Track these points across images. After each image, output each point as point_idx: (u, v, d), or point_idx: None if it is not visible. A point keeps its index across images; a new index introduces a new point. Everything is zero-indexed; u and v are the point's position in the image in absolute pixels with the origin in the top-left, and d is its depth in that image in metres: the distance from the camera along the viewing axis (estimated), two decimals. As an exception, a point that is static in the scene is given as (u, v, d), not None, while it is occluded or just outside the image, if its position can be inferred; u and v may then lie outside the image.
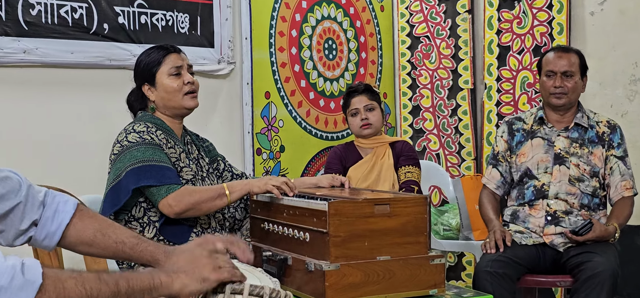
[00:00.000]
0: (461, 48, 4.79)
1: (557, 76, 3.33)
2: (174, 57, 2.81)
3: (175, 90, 2.77)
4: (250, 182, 2.70)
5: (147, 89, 2.80)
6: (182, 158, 2.75)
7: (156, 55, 2.80)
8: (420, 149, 4.86)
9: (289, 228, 2.50)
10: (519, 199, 3.39)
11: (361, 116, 3.69)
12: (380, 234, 2.33)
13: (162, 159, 2.63)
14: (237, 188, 2.68)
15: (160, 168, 2.60)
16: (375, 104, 3.72)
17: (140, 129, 2.67)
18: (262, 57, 4.25)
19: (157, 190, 2.59)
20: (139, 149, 2.61)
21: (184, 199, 2.59)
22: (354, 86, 3.80)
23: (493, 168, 3.50)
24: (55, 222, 1.83)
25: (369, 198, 2.37)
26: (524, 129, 3.45)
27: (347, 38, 4.77)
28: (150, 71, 2.78)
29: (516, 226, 3.35)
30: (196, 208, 2.62)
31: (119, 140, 2.67)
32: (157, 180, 2.59)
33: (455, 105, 4.81)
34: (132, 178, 2.58)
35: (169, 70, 2.77)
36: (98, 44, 3.51)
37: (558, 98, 3.34)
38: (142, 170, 2.58)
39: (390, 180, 3.60)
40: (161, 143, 2.67)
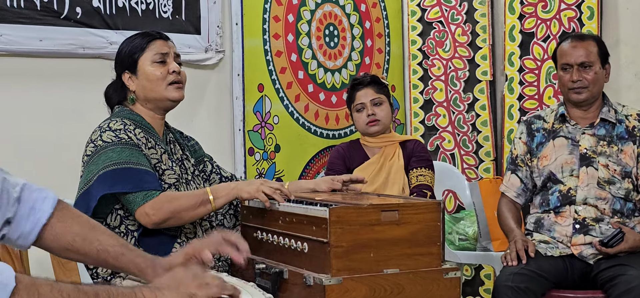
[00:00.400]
0: (479, 35, 4.80)
1: (574, 69, 3.33)
2: (160, 44, 2.82)
3: (158, 79, 2.77)
4: (238, 186, 2.70)
5: (128, 77, 2.80)
6: (164, 160, 2.75)
7: (140, 40, 2.81)
8: (433, 149, 4.87)
9: (284, 238, 2.51)
10: (543, 206, 3.39)
11: (367, 111, 3.70)
12: (387, 244, 2.35)
13: (140, 161, 2.63)
14: (222, 194, 2.68)
15: (137, 172, 2.60)
16: (383, 97, 3.73)
17: (117, 126, 2.67)
18: (254, 45, 4.26)
19: (134, 197, 2.59)
20: (114, 150, 2.61)
21: (162, 207, 2.59)
22: (359, 78, 3.81)
23: (512, 175, 3.50)
24: (30, 221, 1.84)
25: (375, 203, 2.38)
26: (544, 129, 3.45)
27: (350, 23, 4.77)
28: (131, 57, 2.79)
29: (541, 235, 3.36)
30: (176, 217, 2.62)
31: (93, 140, 2.68)
32: (134, 185, 2.59)
33: (472, 99, 4.81)
34: (105, 182, 2.57)
35: (153, 57, 2.78)
36: (70, 30, 3.52)
37: (578, 93, 3.35)
38: (116, 174, 2.58)
39: (400, 183, 3.61)
40: (140, 143, 2.67)
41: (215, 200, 2.66)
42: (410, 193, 3.58)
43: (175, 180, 2.75)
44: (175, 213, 2.61)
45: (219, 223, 2.95)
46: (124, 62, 2.81)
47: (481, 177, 4.71)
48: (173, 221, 2.63)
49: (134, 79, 2.79)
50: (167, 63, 2.80)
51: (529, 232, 3.42)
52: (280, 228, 2.55)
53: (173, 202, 2.60)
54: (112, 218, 2.68)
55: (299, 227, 2.43)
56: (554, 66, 3.52)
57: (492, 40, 4.77)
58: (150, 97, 2.79)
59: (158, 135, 2.80)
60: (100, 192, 2.57)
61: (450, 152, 4.86)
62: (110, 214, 2.68)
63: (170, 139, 2.90)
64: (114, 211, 2.68)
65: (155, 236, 2.68)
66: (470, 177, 4.73)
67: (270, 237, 2.60)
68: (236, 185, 2.72)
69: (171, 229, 2.70)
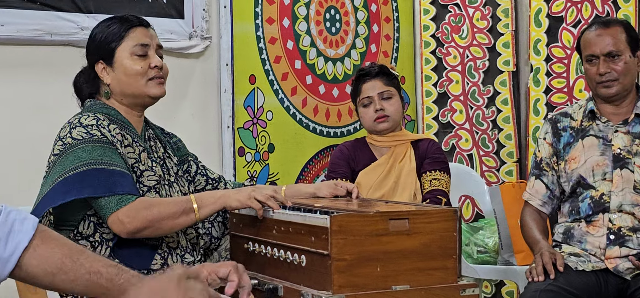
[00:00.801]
0: (500, 19, 4.80)
1: (601, 60, 3.33)
2: (141, 33, 2.80)
3: (138, 74, 2.76)
4: (226, 195, 2.69)
5: (102, 68, 2.79)
6: (143, 160, 2.74)
7: (118, 27, 2.79)
8: (448, 149, 4.86)
9: (279, 250, 2.51)
10: (572, 214, 3.39)
11: (375, 106, 3.70)
12: (396, 257, 2.34)
13: (114, 161, 2.62)
14: (208, 202, 2.67)
15: (110, 174, 2.59)
16: (393, 90, 3.73)
17: (89, 122, 2.66)
18: (245, 31, 4.26)
19: (106, 202, 2.58)
20: (84, 149, 2.60)
21: (139, 215, 2.58)
22: (365, 68, 3.81)
23: (536, 180, 3.50)
24: (10, 246, 1.82)
25: (382, 211, 2.38)
26: (572, 127, 3.44)
27: (354, 6, 4.77)
28: (108, 46, 2.77)
29: (570, 247, 3.35)
30: (155, 226, 2.61)
31: (61, 137, 2.66)
32: (106, 188, 2.58)
33: (492, 92, 4.81)
34: (73, 185, 2.56)
35: (133, 48, 2.77)
36: (35, 14, 3.52)
37: (607, 87, 3.34)
38: (86, 175, 2.57)
39: (411, 188, 3.61)
40: (115, 140, 2.66)
41: (199, 210, 2.65)
42: (423, 199, 3.58)
43: (156, 182, 2.74)
44: (153, 221, 2.59)
45: (206, 232, 2.95)
46: (99, 50, 2.79)
47: (503, 181, 4.71)
48: (151, 231, 2.62)
49: (109, 71, 2.78)
50: (149, 56, 2.79)
51: (557, 243, 3.41)
52: (274, 238, 2.55)
53: (151, 209, 2.59)
54: (85, 226, 2.68)
55: (296, 238, 2.43)
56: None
57: (516, 25, 4.77)
58: (128, 93, 2.78)
59: (136, 132, 2.80)
60: (68, 197, 2.56)
61: (467, 153, 4.86)
62: (82, 221, 2.68)
63: (149, 136, 2.89)
64: (86, 217, 2.67)
65: (133, 247, 2.67)
66: (491, 181, 4.73)
67: (263, 249, 2.59)
68: (224, 193, 2.70)
69: (151, 238, 2.69)
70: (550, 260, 3.19)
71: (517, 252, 4.08)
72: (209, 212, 2.68)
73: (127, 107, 2.81)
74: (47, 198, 2.59)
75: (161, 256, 2.71)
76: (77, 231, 2.68)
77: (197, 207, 2.64)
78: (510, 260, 4.11)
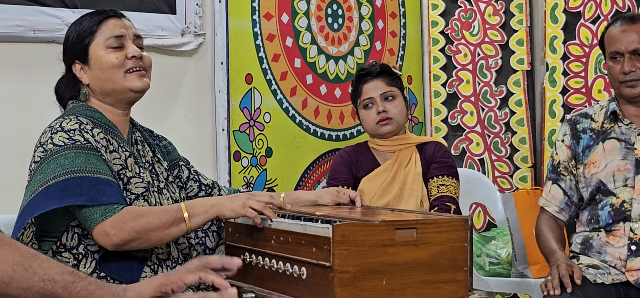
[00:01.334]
0: (514, 15, 4.80)
1: (625, 58, 3.33)
2: (114, 24, 2.80)
3: (114, 67, 2.76)
4: (220, 202, 2.68)
5: (79, 68, 2.79)
6: (129, 165, 2.74)
7: (89, 22, 2.80)
8: (458, 153, 4.87)
9: (278, 261, 2.51)
10: (591, 223, 3.39)
11: (377, 108, 3.70)
12: (403, 269, 2.34)
13: (99, 169, 2.62)
14: (200, 211, 2.66)
15: (94, 182, 2.59)
16: (395, 91, 3.73)
17: (71, 126, 2.65)
18: (241, 27, 4.26)
19: (90, 212, 2.58)
20: (67, 155, 2.60)
21: (125, 226, 2.57)
22: (366, 68, 3.81)
23: (553, 185, 3.50)
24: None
25: (388, 220, 2.38)
26: (592, 129, 3.45)
27: (358, 1, 4.78)
28: (81, 44, 2.78)
29: (589, 259, 3.35)
30: (143, 237, 2.60)
31: (42, 143, 2.66)
32: (90, 198, 2.57)
33: (505, 92, 4.81)
34: (55, 195, 2.55)
35: (107, 41, 2.77)
36: (17, 9, 3.52)
37: (631, 87, 3.35)
38: (69, 184, 2.56)
39: (417, 195, 3.61)
40: (99, 145, 2.66)
41: (190, 219, 2.64)
42: (431, 207, 3.58)
43: (144, 189, 2.74)
44: (141, 233, 2.59)
45: (200, 243, 2.95)
46: (73, 50, 2.80)
47: (516, 187, 4.71)
48: (139, 243, 2.61)
49: (86, 69, 2.78)
50: (125, 47, 2.79)
51: (575, 254, 3.42)
52: (273, 249, 2.55)
53: (139, 220, 2.59)
54: (68, 238, 2.67)
55: (296, 248, 2.43)
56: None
57: (530, 21, 4.77)
58: (108, 90, 2.78)
59: (122, 135, 2.79)
60: (48, 206, 2.56)
61: (479, 157, 4.86)
62: (66, 233, 2.67)
63: (137, 139, 2.89)
64: (69, 229, 2.67)
65: (121, 259, 2.67)
66: (504, 188, 4.73)
67: (261, 260, 2.59)
68: (217, 201, 2.69)
69: (140, 250, 2.69)
70: (567, 272, 3.19)
71: (531, 263, 4.08)
72: (201, 222, 2.67)
73: (111, 106, 2.81)
74: (27, 208, 2.59)
75: (151, 268, 2.71)
76: (61, 243, 2.68)
77: (188, 216, 2.63)
78: (524, 272, 4.11)
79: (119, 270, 2.66)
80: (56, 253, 2.67)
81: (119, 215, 2.57)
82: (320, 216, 2.51)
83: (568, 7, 4.61)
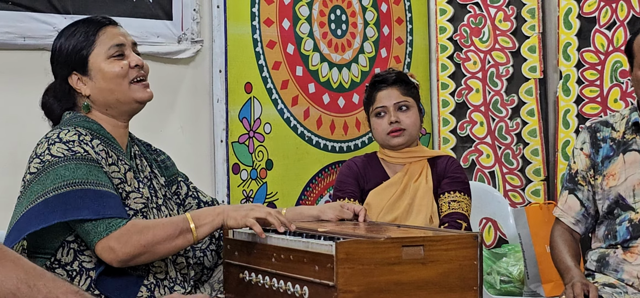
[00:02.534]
0: (526, 20, 4.81)
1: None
2: (111, 32, 2.81)
3: (118, 77, 2.77)
4: (225, 210, 2.69)
5: (77, 80, 2.80)
6: (128, 179, 2.75)
7: (85, 31, 2.80)
8: (468, 165, 4.86)
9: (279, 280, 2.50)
10: (608, 239, 3.39)
11: (390, 118, 3.69)
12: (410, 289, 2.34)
13: (101, 180, 2.62)
14: (206, 220, 2.67)
15: (98, 195, 2.59)
16: (410, 101, 3.72)
17: (70, 137, 2.66)
18: (241, 34, 4.27)
19: (93, 227, 2.58)
20: (67, 167, 2.60)
21: (131, 240, 2.58)
22: (381, 75, 3.80)
23: (570, 195, 3.50)
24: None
25: (394, 237, 2.38)
26: (612, 139, 3.45)
27: (362, 6, 4.78)
28: (79, 54, 2.78)
29: (605, 277, 3.35)
30: (150, 251, 2.61)
31: (39, 154, 2.66)
32: (93, 211, 2.57)
33: (517, 102, 4.82)
34: (56, 208, 2.56)
35: (108, 51, 2.78)
36: (7, 15, 3.52)
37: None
38: (71, 196, 2.57)
39: (427, 210, 3.60)
40: (99, 157, 2.67)
41: (197, 229, 2.65)
42: (440, 223, 3.57)
43: (143, 205, 2.74)
44: (148, 246, 2.60)
45: (198, 263, 2.95)
46: (70, 61, 2.79)
47: (529, 201, 4.71)
48: (146, 257, 2.62)
49: (85, 80, 2.79)
50: (126, 56, 2.80)
51: (590, 272, 3.42)
52: (273, 267, 2.55)
53: (145, 233, 2.59)
54: (63, 253, 2.67)
55: (298, 267, 2.42)
56: (622, 61, 3.52)
57: (543, 27, 4.77)
58: (111, 101, 2.79)
59: (121, 148, 2.80)
60: (50, 220, 2.56)
61: (489, 170, 4.85)
62: (61, 248, 2.67)
63: (135, 153, 2.89)
64: (65, 244, 2.67)
65: (117, 277, 2.66)
66: (515, 202, 4.72)
67: (261, 279, 2.59)
68: (223, 209, 2.71)
69: (137, 268, 2.69)
70: (582, 291, 3.19)
71: (545, 281, 4.08)
72: (208, 231, 2.68)
73: (112, 117, 2.81)
74: (24, 220, 2.58)
75: (147, 288, 2.71)
76: (55, 258, 2.68)
77: (194, 226, 2.65)
78: (537, 291, 4.10)
79: (115, 288, 2.66)
80: (50, 270, 2.67)
81: (124, 229, 2.58)
82: (323, 233, 2.51)
83: (582, 12, 4.61)
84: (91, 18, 2.86)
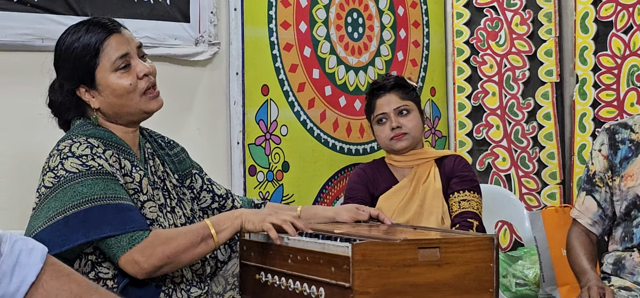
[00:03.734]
0: (542, 24, 4.80)
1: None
2: (116, 42, 2.77)
3: (129, 91, 2.74)
4: (243, 214, 2.69)
5: (85, 92, 2.78)
6: (144, 187, 2.73)
7: (87, 41, 2.76)
8: (483, 168, 4.86)
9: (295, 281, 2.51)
10: (625, 241, 3.38)
11: (391, 124, 3.70)
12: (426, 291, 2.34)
13: (119, 194, 2.61)
14: (225, 225, 2.68)
15: (118, 210, 2.58)
16: (410, 104, 3.73)
17: (82, 151, 2.64)
18: (258, 36, 4.27)
19: (116, 242, 2.57)
20: (84, 183, 2.59)
21: (155, 252, 2.57)
22: (379, 82, 3.80)
23: (587, 196, 3.49)
24: (15, 280, 1.81)
25: (410, 238, 2.38)
26: (631, 140, 3.44)
27: (379, 9, 4.78)
28: (85, 68, 2.75)
29: (621, 280, 3.34)
30: (174, 261, 2.61)
31: (52, 168, 2.64)
32: (115, 227, 2.56)
33: (533, 105, 4.80)
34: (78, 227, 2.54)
35: (113, 64, 2.74)
36: (26, 17, 3.53)
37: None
38: (91, 214, 2.56)
39: (438, 211, 3.60)
40: (113, 168, 2.66)
41: (218, 234, 2.66)
42: (452, 223, 3.57)
43: (157, 213, 2.73)
44: (172, 257, 2.60)
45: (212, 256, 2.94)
46: (76, 74, 2.77)
47: (545, 205, 4.70)
48: (170, 267, 2.62)
49: (94, 94, 2.76)
50: (132, 66, 2.77)
51: (607, 275, 3.40)
52: (289, 268, 2.55)
53: (169, 244, 2.59)
54: (81, 264, 2.67)
55: (314, 268, 2.43)
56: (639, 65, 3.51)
57: (559, 31, 4.76)
58: (122, 113, 2.78)
59: (134, 154, 2.79)
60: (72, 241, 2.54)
61: (505, 173, 4.85)
62: (79, 259, 2.67)
63: (148, 153, 2.89)
64: (83, 256, 2.67)
65: (137, 286, 2.66)
66: (531, 205, 4.71)
67: (277, 280, 2.60)
68: (241, 212, 2.71)
69: (154, 279, 2.68)
70: (598, 294, 3.18)
71: (560, 284, 4.07)
72: (228, 235, 2.68)
73: (122, 126, 2.81)
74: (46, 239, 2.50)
75: (165, 293, 2.71)
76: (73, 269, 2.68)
77: (215, 232, 2.65)
78: (552, 294, 4.09)
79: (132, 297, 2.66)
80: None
81: (148, 242, 2.58)
82: (339, 234, 2.51)
83: (599, 16, 4.60)
84: (94, 22, 2.81)
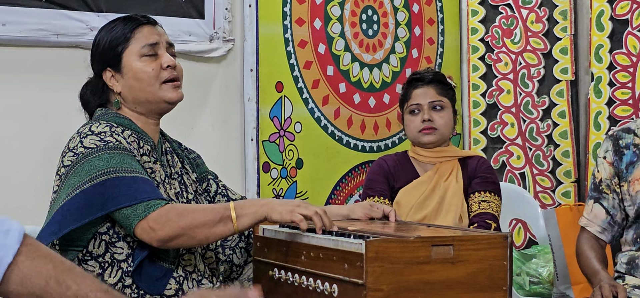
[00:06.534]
0: (558, 22, 4.78)
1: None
2: (148, 31, 2.83)
3: (150, 77, 2.78)
4: (270, 204, 2.62)
5: (110, 76, 2.81)
6: (157, 172, 2.76)
7: (122, 28, 2.81)
8: (498, 166, 4.85)
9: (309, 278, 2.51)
10: (637, 242, 3.38)
11: (423, 116, 3.68)
12: (439, 288, 2.34)
13: (135, 168, 2.63)
14: (249, 211, 2.61)
15: (133, 181, 2.60)
16: (445, 101, 3.71)
17: (101, 129, 2.68)
18: (272, 33, 4.27)
19: (132, 210, 2.58)
20: (101, 157, 2.62)
21: (170, 222, 2.57)
22: (419, 73, 3.79)
23: (595, 204, 3.48)
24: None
25: (424, 236, 2.38)
26: (635, 145, 3.43)
27: (394, 6, 4.78)
28: (114, 51, 2.80)
29: (635, 279, 3.34)
30: (188, 234, 2.59)
31: (72, 148, 2.68)
32: (131, 197, 2.58)
33: (548, 103, 4.80)
34: (95, 200, 2.57)
35: (141, 49, 2.79)
36: (41, 13, 3.54)
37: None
38: (107, 185, 2.58)
39: (456, 210, 3.60)
40: (131, 146, 2.69)
41: (238, 219, 2.60)
42: (470, 223, 3.57)
43: (172, 199, 2.75)
44: (186, 229, 2.57)
45: (227, 260, 2.95)
46: (105, 57, 2.81)
47: (559, 203, 4.69)
48: (184, 239, 2.60)
49: (118, 77, 2.80)
50: (159, 56, 2.81)
51: (620, 274, 3.40)
52: (303, 265, 2.55)
53: (185, 216, 2.58)
54: (95, 245, 2.68)
55: (328, 265, 2.42)
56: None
57: (575, 29, 4.75)
58: (141, 100, 2.80)
59: (152, 142, 2.81)
60: (90, 215, 2.57)
61: (519, 171, 4.84)
62: (93, 240, 2.68)
63: (166, 149, 2.90)
64: (97, 236, 2.68)
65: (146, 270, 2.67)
66: (545, 203, 4.71)
67: (291, 277, 2.59)
68: (267, 201, 2.64)
69: (166, 260, 2.69)
70: (611, 293, 3.17)
71: (574, 283, 4.06)
72: (250, 223, 2.61)
73: (142, 115, 2.83)
74: (63, 214, 2.58)
75: (176, 280, 2.71)
76: (87, 251, 2.69)
77: (235, 215, 2.59)
78: (566, 293, 4.09)
79: (143, 281, 2.67)
80: (82, 262, 2.68)
81: (163, 211, 2.57)
82: (353, 231, 2.51)
83: (615, 14, 4.59)
84: (131, 15, 2.87)
